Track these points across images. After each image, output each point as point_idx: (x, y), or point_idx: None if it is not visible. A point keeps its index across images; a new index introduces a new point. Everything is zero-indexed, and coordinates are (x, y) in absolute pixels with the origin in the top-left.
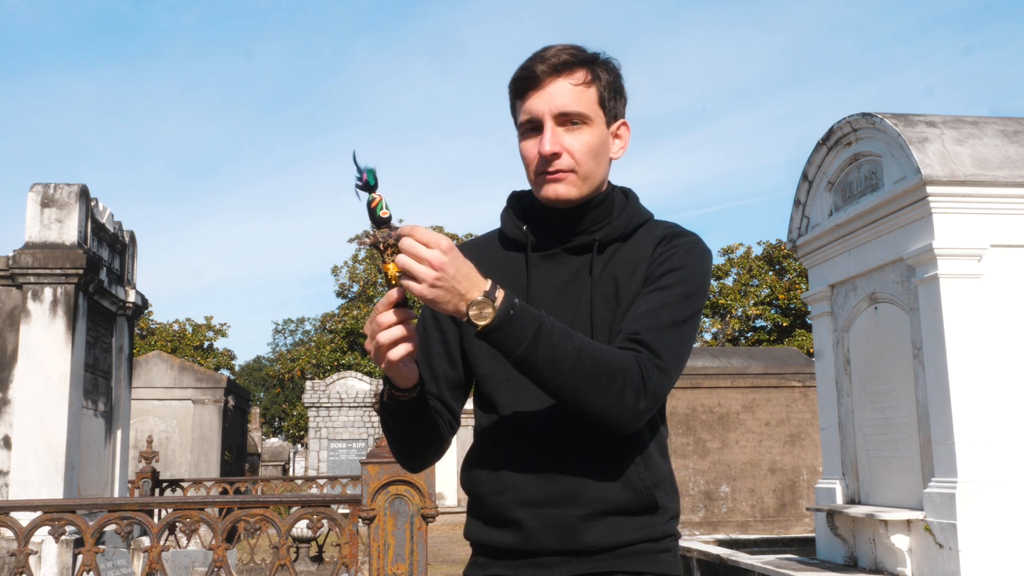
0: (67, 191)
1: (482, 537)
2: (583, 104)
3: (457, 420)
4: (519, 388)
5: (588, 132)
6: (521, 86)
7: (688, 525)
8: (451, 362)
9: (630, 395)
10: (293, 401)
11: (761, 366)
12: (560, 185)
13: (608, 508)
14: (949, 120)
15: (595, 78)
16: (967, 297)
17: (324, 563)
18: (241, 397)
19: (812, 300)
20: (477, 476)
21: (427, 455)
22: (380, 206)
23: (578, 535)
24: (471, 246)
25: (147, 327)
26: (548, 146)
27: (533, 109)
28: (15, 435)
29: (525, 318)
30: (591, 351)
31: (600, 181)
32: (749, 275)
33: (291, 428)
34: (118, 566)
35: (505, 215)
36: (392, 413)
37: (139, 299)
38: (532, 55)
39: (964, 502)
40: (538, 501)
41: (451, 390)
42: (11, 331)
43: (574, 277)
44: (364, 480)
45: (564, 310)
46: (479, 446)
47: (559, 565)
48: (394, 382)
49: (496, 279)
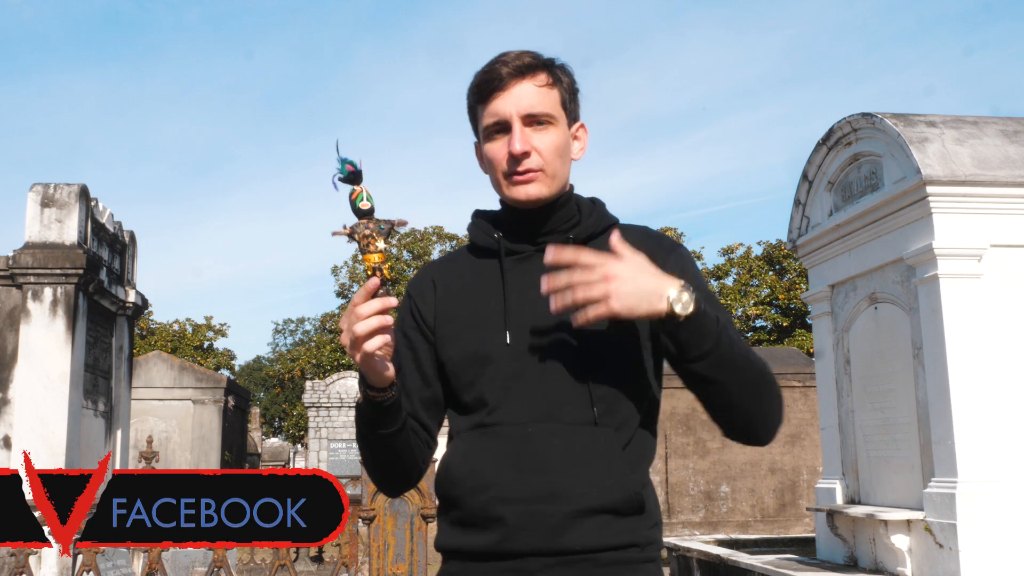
0: (67, 191)
1: (457, 542)
2: (548, 105)
3: (434, 439)
4: (504, 389)
5: (554, 132)
6: (485, 89)
7: (688, 525)
8: (424, 379)
9: (781, 405)
10: (293, 401)
11: None
12: (531, 186)
13: (595, 507)
14: (949, 120)
15: (556, 80)
16: (967, 297)
17: (324, 563)
18: (241, 397)
19: (812, 300)
20: (454, 477)
21: (404, 474)
22: (360, 197)
23: (562, 534)
24: (440, 264)
25: (147, 327)
26: (519, 145)
27: (500, 111)
28: (15, 435)
29: (708, 309)
30: (752, 353)
31: (565, 181)
32: (749, 275)
33: (291, 428)
34: (118, 566)
35: (473, 227)
36: (367, 419)
37: (139, 299)
38: (491, 60)
39: (964, 502)
40: (523, 498)
41: (425, 408)
42: (11, 331)
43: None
44: (364, 480)
45: (544, 311)
46: (456, 449)
47: (540, 570)
48: (369, 380)
49: (472, 290)
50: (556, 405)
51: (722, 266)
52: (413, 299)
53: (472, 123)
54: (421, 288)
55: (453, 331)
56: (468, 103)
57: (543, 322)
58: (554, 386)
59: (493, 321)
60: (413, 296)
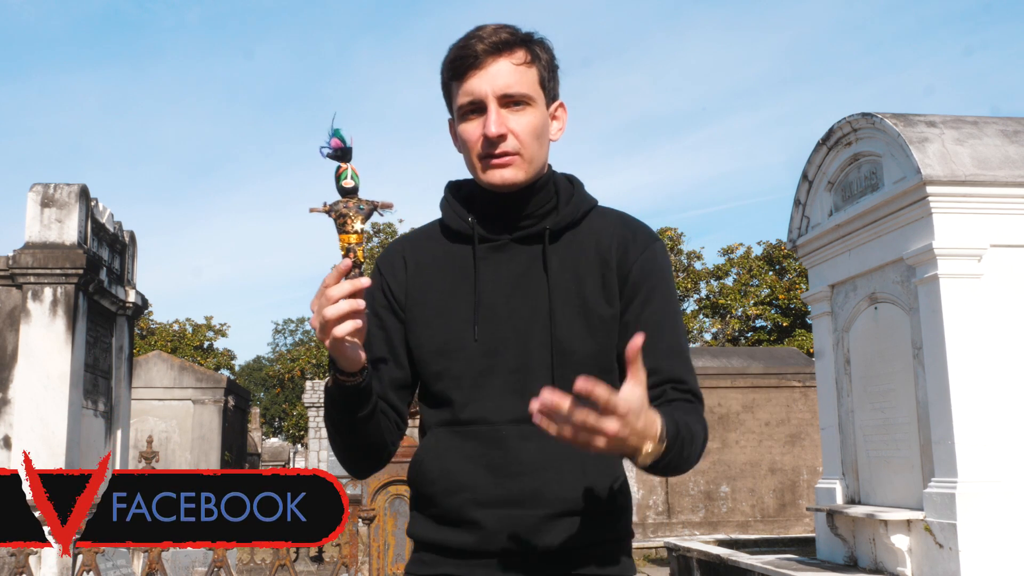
0: (67, 191)
1: (432, 536)
2: (525, 85)
3: (404, 421)
4: (475, 386)
5: (531, 113)
6: (460, 66)
7: (688, 525)
8: (396, 361)
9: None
10: (293, 401)
11: (761, 366)
12: (507, 170)
13: (570, 508)
14: (949, 120)
15: (535, 58)
16: (967, 297)
17: (324, 563)
18: (241, 397)
19: (812, 300)
20: (428, 474)
21: (371, 456)
22: (344, 175)
23: (539, 536)
24: (411, 239)
25: (147, 327)
26: (494, 128)
27: (475, 90)
28: (15, 435)
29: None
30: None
31: (542, 164)
32: (749, 275)
33: (291, 428)
34: (118, 566)
35: (446, 205)
36: (336, 402)
37: (139, 299)
38: (466, 34)
39: (964, 502)
40: (498, 501)
41: (396, 390)
42: (11, 331)
43: (527, 269)
44: (364, 480)
45: (519, 305)
46: (429, 445)
47: (516, 567)
48: (339, 364)
49: (443, 274)
50: (528, 404)
51: (722, 266)
52: (384, 276)
53: (446, 100)
54: (392, 264)
55: (422, 316)
56: (442, 79)
57: (515, 317)
58: (526, 384)
59: (463, 312)
60: (384, 273)
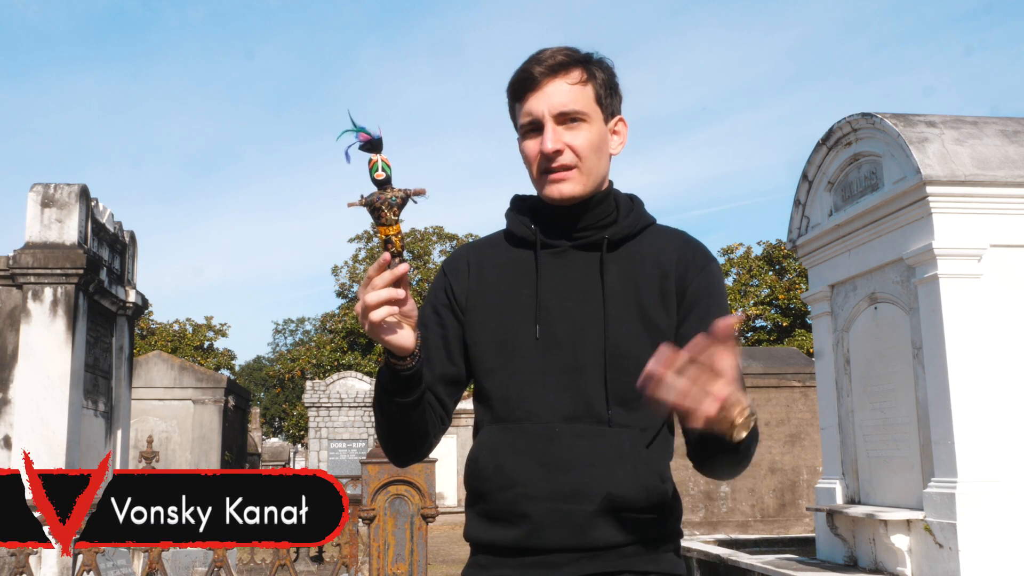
0: (67, 191)
1: (485, 536)
2: (581, 102)
3: (449, 416)
4: (529, 383)
5: (587, 129)
6: (520, 88)
7: (688, 525)
8: (449, 356)
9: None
10: (293, 401)
11: (761, 366)
12: (564, 184)
13: (618, 505)
14: (949, 120)
15: (591, 77)
16: (967, 297)
17: (324, 563)
18: (241, 397)
19: (812, 300)
20: (482, 471)
21: (413, 445)
22: (375, 167)
23: (587, 531)
24: (477, 246)
25: (147, 327)
26: (550, 144)
27: (533, 110)
28: (15, 435)
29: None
30: (755, 442)
31: (602, 177)
32: (749, 275)
33: (291, 428)
34: (118, 566)
35: (510, 215)
36: (385, 386)
37: (139, 299)
38: (528, 58)
39: (964, 502)
40: (548, 496)
41: (445, 384)
42: (11, 331)
43: (584, 275)
44: (364, 480)
45: (575, 307)
46: (483, 441)
47: (567, 564)
48: (388, 347)
49: (505, 278)
50: (582, 404)
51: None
52: (448, 277)
53: (512, 120)
54: (456, 267)
55: (483, 316)
56: (508, 101)
57: (572, 319)
58: (581, 384)
59: (523, 312)
60: (448, 274)
